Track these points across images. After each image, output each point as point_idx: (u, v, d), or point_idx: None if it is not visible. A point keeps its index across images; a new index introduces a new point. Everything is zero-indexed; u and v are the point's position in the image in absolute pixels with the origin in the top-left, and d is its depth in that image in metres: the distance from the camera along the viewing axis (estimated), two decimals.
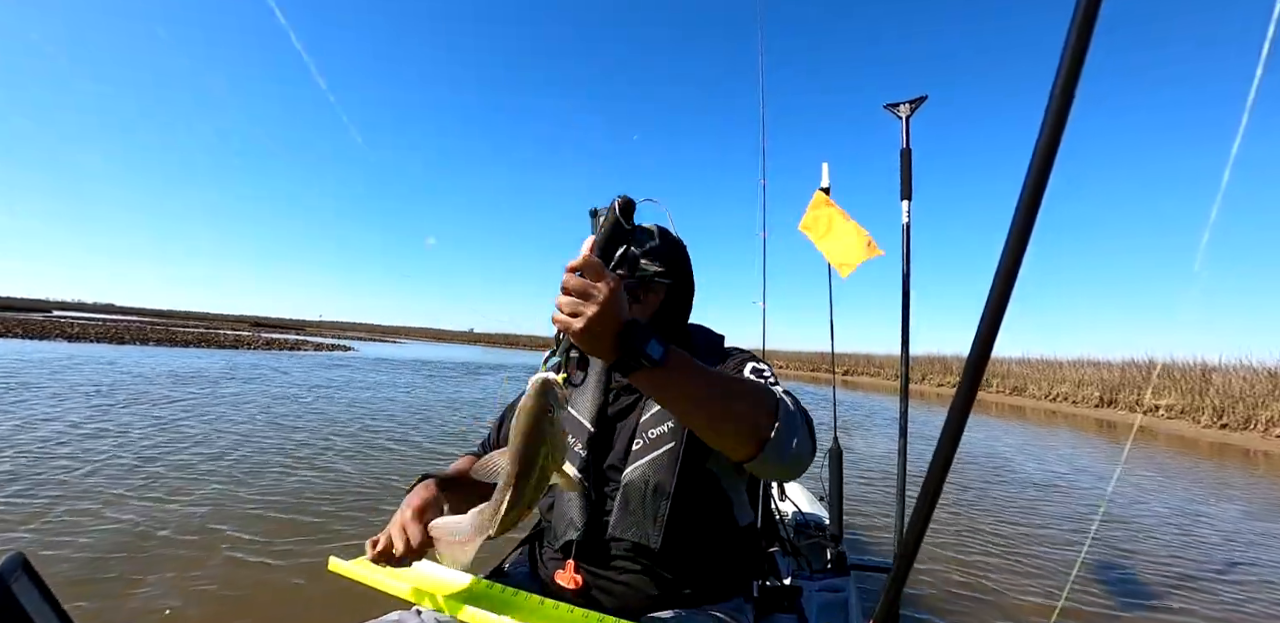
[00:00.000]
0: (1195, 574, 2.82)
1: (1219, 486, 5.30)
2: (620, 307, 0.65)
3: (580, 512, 0.96)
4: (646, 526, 0.92)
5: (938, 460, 0.58)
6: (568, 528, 0.96)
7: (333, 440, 4.65)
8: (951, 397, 0.57)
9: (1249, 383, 10.35)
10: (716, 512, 0.99)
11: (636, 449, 0.96)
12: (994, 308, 0.55)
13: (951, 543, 3.11)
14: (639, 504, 0.93)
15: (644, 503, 0.93)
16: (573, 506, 0.97)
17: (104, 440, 4.04)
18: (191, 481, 3.25)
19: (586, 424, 1.02)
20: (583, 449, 0.99)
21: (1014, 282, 0.55)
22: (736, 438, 0.73)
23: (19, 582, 0.57)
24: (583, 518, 0.95)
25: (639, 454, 0.96)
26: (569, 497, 0.98)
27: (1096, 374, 14.35)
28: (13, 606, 0.55)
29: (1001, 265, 0.54)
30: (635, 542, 0.92)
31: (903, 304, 1.99)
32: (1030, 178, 0.52)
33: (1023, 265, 0.54)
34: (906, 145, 2.04)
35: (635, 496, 0.93)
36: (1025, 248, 0.54)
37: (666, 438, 0.95)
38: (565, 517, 0.97)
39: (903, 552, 0.62)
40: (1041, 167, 0.52)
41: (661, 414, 0.97)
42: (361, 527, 2.73)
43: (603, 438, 1.02)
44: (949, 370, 19.77)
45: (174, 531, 2.51)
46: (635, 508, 0.93)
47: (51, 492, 2.89)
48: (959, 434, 0.58)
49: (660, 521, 0.92)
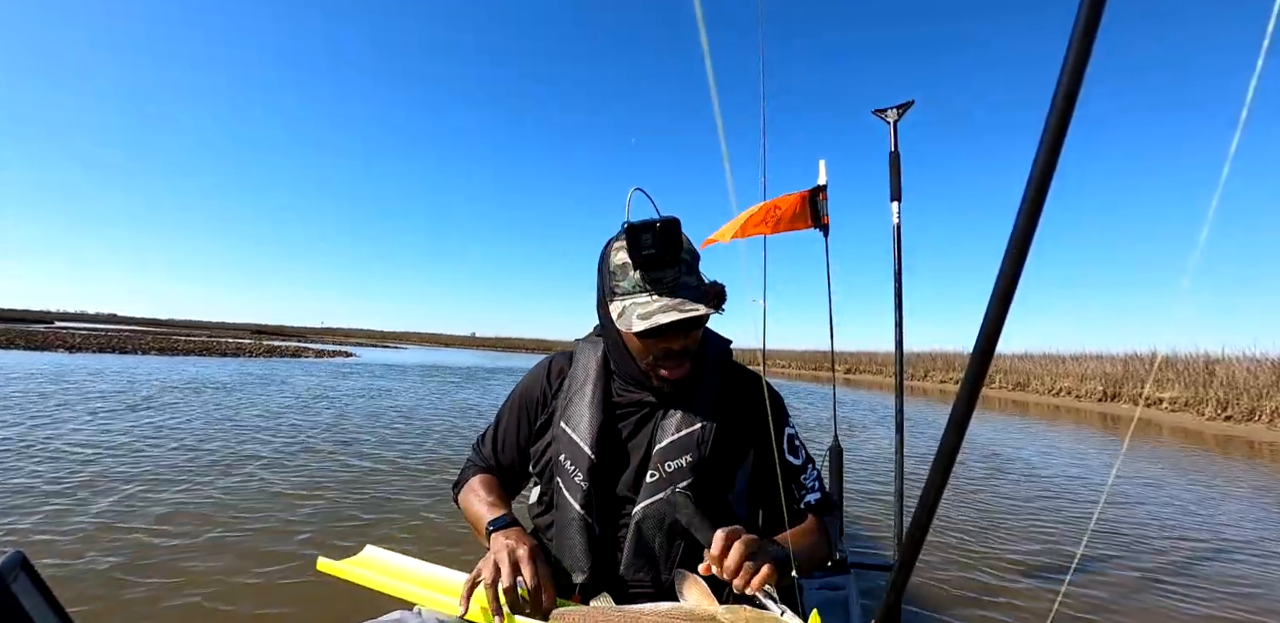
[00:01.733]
0: (1197, 570, 2.81)
1: (1222, 479, 5.28)
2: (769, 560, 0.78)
3: (586, 552, 0.90)
4: (659, 566, 0.89)
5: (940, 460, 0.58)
6: (574, 570, 0.91)
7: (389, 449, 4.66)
8: (953, 393, 0.57)
9: (1253, 374, 10.30)
10: None
11: (650, 482, 0.90)
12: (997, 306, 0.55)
13: (950, 539, 3.10)
14: (653, 544, 0.89)
15: (658, 544, 0.89)
16: (578, 543, 0.90)
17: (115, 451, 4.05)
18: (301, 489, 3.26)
19: (586, 450, 0.92)
20: (584, 481, 0.91)
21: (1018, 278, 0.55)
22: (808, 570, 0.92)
23: (18, 581, 0.56)
24: (588, 559, 0.90)
25: (653, 488, 0.89)
26: (573, 532, 0.91)
27: (1099, 368, 14.30)
28: (12, 605, 0.55)
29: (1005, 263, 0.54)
30: (647, 582, 0.89)
31: (895, 302, 2.02)
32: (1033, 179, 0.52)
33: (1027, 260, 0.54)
34: (895, 148, 2.10)
35: (650, 535, 0.89)
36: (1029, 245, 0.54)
37: (684, 474, 0.90)
38: (571, 555, 0.91)
39: (905, 551, 0.62)
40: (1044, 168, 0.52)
41: (679, 446, 0.91)
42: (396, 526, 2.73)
43: (607, 464, 0.93)
44: (951, 367, 19.72)
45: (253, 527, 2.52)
46: (648, 548, 0.89)
47: (58, 491, 2.90)
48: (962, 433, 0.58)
49: (674, 560, 0.89)
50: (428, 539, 2.75)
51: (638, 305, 0.86)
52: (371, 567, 0.91)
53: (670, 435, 0.91)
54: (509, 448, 1.06)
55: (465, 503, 1.02)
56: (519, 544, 0.82)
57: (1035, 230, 0.53)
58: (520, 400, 1.07)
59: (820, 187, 2.54)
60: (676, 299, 0.84)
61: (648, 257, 0.84)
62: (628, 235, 0.83)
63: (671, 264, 0.86)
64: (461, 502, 1.04)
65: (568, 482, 0.93)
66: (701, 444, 0.91)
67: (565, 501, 0.92)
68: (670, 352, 0.89)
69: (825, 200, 2.55)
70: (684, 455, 0.90)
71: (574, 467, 0.92)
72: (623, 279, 0.88)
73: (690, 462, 0.90)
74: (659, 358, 0.90)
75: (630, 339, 0.91)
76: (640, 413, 0.96)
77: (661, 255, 0.83)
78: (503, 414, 1.09)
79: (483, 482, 1.03)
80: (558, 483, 0.94)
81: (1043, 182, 0.52)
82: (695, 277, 0.90)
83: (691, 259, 0.91)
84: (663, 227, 0.82)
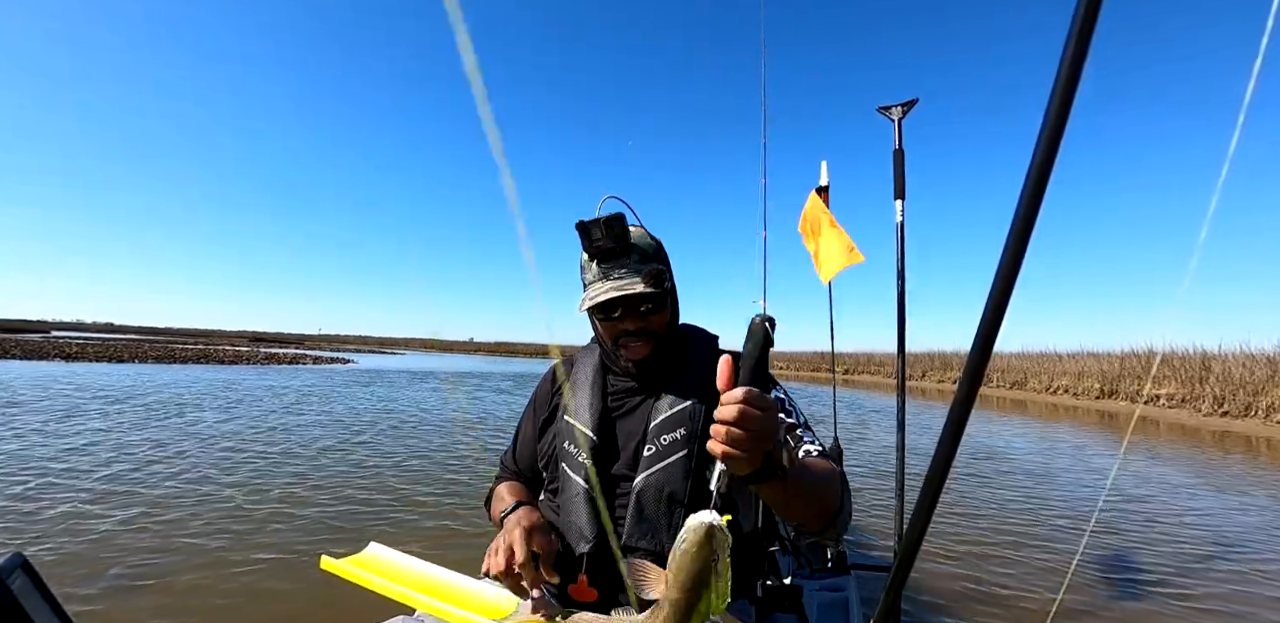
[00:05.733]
0: (1196, 569, 2.82)
1: (1220, 475, 5.30)
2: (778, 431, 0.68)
3: (590, 522, 0.93)
4: (661, 534, 0.91)
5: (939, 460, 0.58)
6: (578, 540, 0.93)
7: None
8: (951, 393, 0.58)
9: (1248, 370, 10.35)
10: None
11: (648, 455, 0.94)
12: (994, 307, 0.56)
13: (950, 540, 3.11)
14: (653, 512, 0.92)
15: (658, 511, 0.92)
16: (581, 515, 0.94)
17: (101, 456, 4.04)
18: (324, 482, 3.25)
19: (588, 432, 0.99)
20: (587, 459, 0.96)
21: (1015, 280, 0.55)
22: (815, 518, 0.81)
23: (18, 582, 0.56)
24: (593, 529, 0.93)
25: (650, 461, 0.94)
26: (577, 505, 0.95)
27: (1096, 366, 14.35)
28: (12, 605, 0.55)
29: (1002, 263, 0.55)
30: (649, 550, 0.90)
31: (898, 301, 2.01)
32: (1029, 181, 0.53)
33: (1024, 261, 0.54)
34: (899, 146, 2.08)
35: (649, 504, 0.92)
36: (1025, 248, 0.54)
37: (679, 445, 0.94)
38: (574, 528, 0.94)
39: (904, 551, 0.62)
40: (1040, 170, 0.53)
41: (672, 420, 0.96)
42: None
43: (607, 444, 0.99)
44: (949, 367, 19.73)
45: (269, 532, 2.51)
46: (649, 516, 0.92)
47: (64, 494, 2.89)
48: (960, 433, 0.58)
49: (675, 528, 0.90)
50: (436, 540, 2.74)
51: (592, 290, 0.96)
52: (374, 566, 0.91)
53: (664, 413, 0.96)
54: (527, 454, 1.13)
55: (492, 511, 1.07)
56: (520, 520, 0.87)
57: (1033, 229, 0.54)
58: (531, 407, 1.16)
59: (823, 187, 2.56)
60: (622, 281, 0.94)
61: (599, 249, 0.93)
62: (579, 232, 0.93)
63: (624, 254, 0.95)
64: (490, 512, 1.08)
65: (571, 463, 0.98)
66: (694, 418, 0.96)
67: (570, 480, 0.97)
68: (627, 332, 0.97)
69: (828, 201, 2.56)
70: (678, 429, 0.94)
71: (576, 449, 0.98)
72: (587, 272, 0.98)
73: (685, 434, 0.94)
74: (619, 339, 0.99)
75: (597, 325, 1.02)
76: (635, 399, 1.02)
77: (612, 247, 0.93)
78: (520, 424, 1.18)
79: (507, 487, 1.09)
80: (562, 468, 0.99)
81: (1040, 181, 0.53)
82: (654, 264, 0.97)
83: (648, 249, 0.98)
84: (607, 220, 0.91)
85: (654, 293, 0.93)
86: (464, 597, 0.87)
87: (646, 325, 0.98)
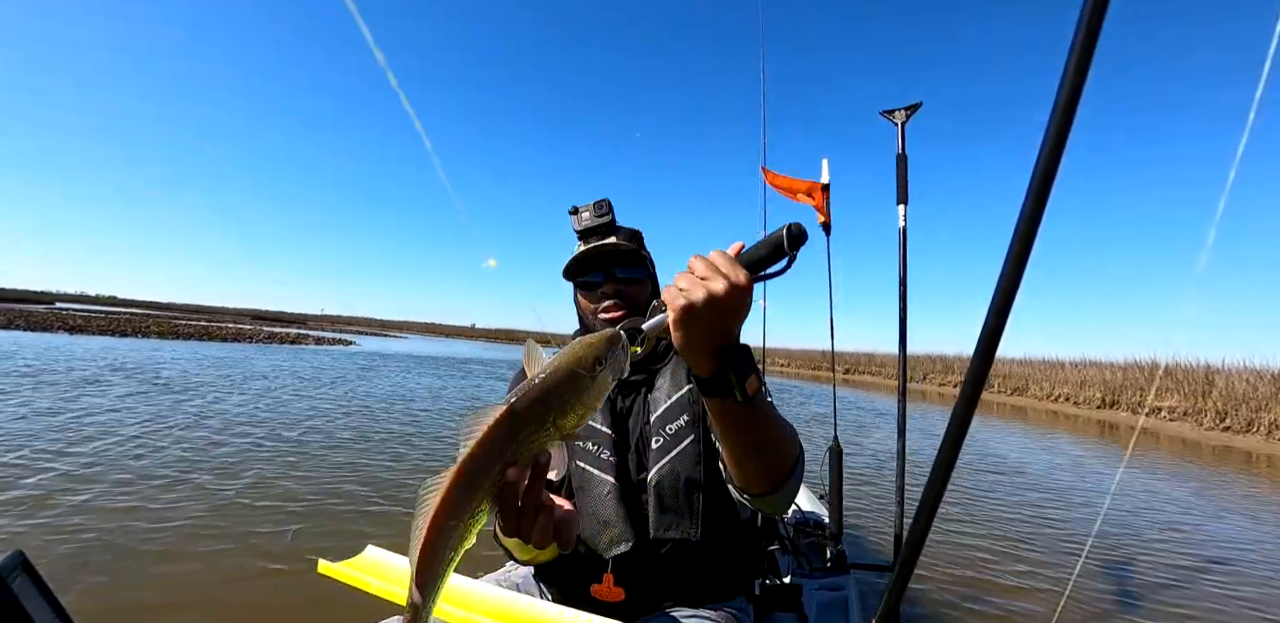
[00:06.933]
0: (1197, 577, 2.80)
1: (1222, 492, 5.28)
2: (746, 306, 0.59)
3: (623, 520, 0.91)
4: (685, 522, 0.91)
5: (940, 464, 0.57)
6: (613, 542, 0.91)
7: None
8: (953, 396, 0.56)
9: (1252, 385, 10.28)
10: (728, 505, 0.99)
11: (658, 447, 0.94)
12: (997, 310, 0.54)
13: (951, 541, 3.10)
14: (674, 501, 0.91)
15: (679, 499, 0.91)
16: (615, 513, 0.92)
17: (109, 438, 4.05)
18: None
19: (605, 429, 0.98)
20: (611, 455, 0.95)
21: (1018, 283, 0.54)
22: (766, 475, 0.73)
23: (18, 581, 0.56)
24: (629, 527, 0.91)
25: (662, 451, 0.94)
26: (609, 503, 0.92)
27: (1099, 375, 14.29)
28: (12, 605, 0.55)
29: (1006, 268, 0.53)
30: (676, 540, 0.90)
31: (900, 304, 2.00)
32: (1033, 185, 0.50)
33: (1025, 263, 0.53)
34: (902, 150, 2.04)
35: (669, 494, 0.91)
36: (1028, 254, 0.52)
37: (685, 432, 0.94)
38: (609, 529, 0.92)
39: (905, 552, 0.61)
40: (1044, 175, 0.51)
41: (673, 409, 0.96)
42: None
43: (620, 440, 0.99)
44: (950, 370, 19.71)
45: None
46: (671, 505, 0.91)
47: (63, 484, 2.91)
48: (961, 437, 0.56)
49: (697, 514, 0.91)
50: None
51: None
52: (372, 569, 0.90)
53: (664, 403, 0.97)
54: None
55: None
56: None
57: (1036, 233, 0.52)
58: None
59: (824, 185, 2.52)
60: (603, 242, 1.00)
61: (586, 228, 1.02)
62: (570, 213, 1.03)
63: (609, 232, 1.02)
64: None
65: (593, 460, 0.96)
66: (694, 402, 0.95)
67: (594, 478, 0.95)
68: (604, 296, 1.02)
69: (828, 200, 2.52)
70: (681, 416, 0.95)
71: (597, 447, 0.96)
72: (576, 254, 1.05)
73: (689, 419, 0.94)
74: (596, 307, 1.03)
75: (579, 302, 1.08)
76: (630, 394, 1.02)
77: (596, 227, 1.01)
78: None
79: None
80: (581, 467, 0.96)
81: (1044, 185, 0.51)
82: (634, 245, 1.02)
83: (634, 233, 1.05)
84: (595, 203, 1.01)
85: (632, 251, 1.00)
86: (464, 597, 0.86)
87: (624, 291, 1.01)
